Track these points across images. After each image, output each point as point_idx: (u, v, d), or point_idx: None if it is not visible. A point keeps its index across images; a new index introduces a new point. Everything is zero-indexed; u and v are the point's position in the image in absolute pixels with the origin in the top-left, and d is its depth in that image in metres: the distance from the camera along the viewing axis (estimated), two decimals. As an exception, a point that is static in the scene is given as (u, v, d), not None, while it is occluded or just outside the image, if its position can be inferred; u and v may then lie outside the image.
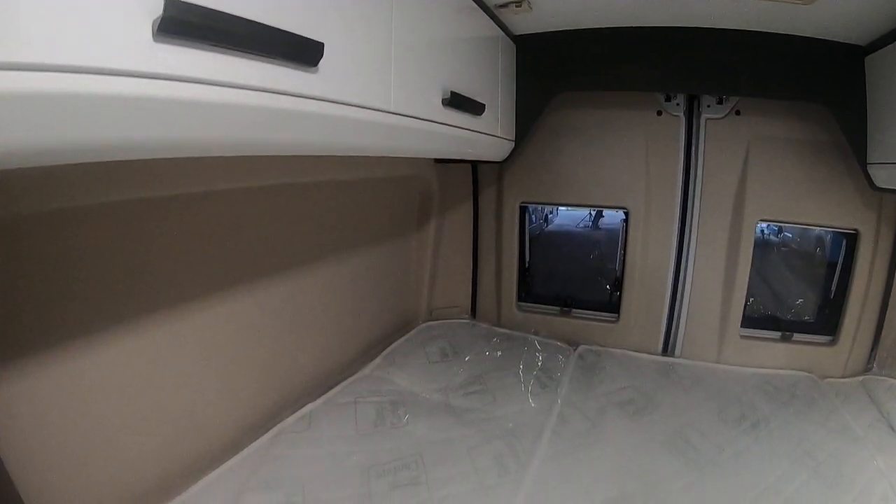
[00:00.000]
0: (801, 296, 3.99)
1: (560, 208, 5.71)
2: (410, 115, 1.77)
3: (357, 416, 2.61)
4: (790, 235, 4.19)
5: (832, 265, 3.77)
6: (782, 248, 4.28)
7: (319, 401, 2.70)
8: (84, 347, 1.77)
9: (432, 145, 2.15)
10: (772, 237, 4.49)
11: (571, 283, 4.39)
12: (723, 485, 2.39)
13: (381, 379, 3.05)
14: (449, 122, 2.10)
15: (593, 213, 5.33)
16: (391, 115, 1.65)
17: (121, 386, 1.91)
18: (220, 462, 2.17)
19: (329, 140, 1.49)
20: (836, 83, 2.90)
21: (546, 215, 5.54)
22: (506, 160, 3.51)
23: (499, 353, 3.52)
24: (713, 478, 2.44)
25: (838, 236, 3.69)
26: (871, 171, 2.87)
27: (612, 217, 4.66)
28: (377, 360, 3.24)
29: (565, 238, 5.31)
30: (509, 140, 3.09)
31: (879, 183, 2.86)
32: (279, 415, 2.53)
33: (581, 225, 5.50)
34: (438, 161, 3.72)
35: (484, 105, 2.39)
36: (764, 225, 4.14)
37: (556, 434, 2.67)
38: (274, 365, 2.65)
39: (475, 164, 3.96)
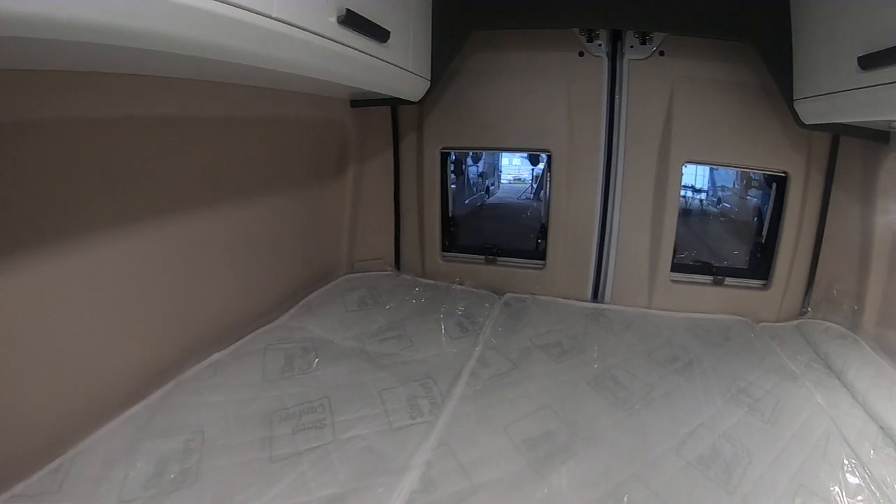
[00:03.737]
0: (735, 245, 4.02)
1: (502, 182, 5.67)
2: (297, 24, 1.61)
3: (265, 363, 2.53)
4: (728, 206, 4.21)
5: (763, 211, 3.76)
6: (721, 219, 4.31)
7: (228, 350, 2.61)
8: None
9: (327, 64, 1.97)
10: (711, 208, 4.51)
11: (498, 232, 4.36)
12: (653, 422, 2.31)
13: (294, 328, 2.95)
14: (346, 43, 1.95)
15: (535, 185, 5.29)
16: (272, 20, 1.49)
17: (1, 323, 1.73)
18: (119, 412, 2.07)
19: (199, 37, 1.31)
20: (762, 20, 2.84)
21: (487, 187, 5.49)
22: (426, 104, 3.45)
23: (420, 301, 3.43)
24: (643, 415, 2.35)
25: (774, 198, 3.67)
26: (798, 107, 2.81)
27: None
28: (293, 310, 3.14)
29: (505, 209, 5.28)
30: (423, 77, 2.94)
31: (807, 119, 2.80)
32: (184, 364, 2.43)
33: (522, 197, 5.46)
34: (355, 104, 3.55)
35: (389, 32, 2.23)
36: (703, 195, 4.13)
37: (474, 376, 2.57)
38: (178, 312, 2.49)
39: (395, 109, 3.83)
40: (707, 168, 4.47)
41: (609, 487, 1.91)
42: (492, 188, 5.84)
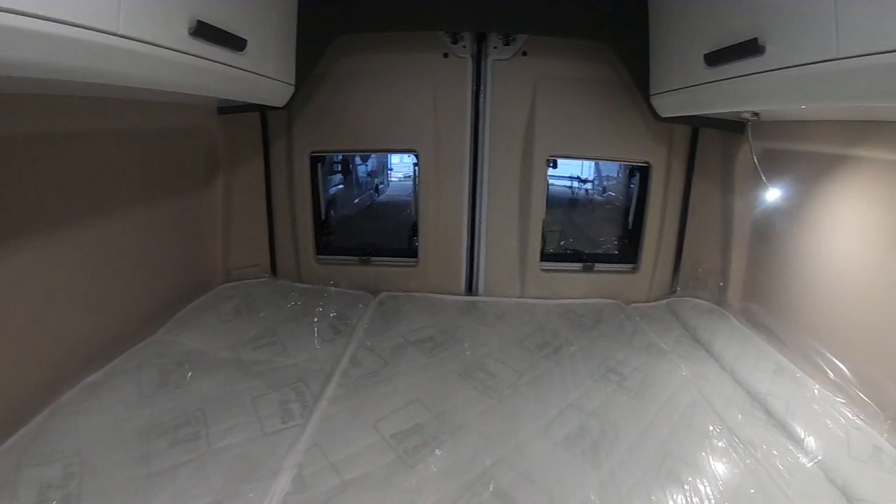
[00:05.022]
0: (608, 233, 4.18)
1: (391, 179, 5.68)
2: (145, 40, 1.57)
3: (141, 380, 2.49)
4: (613, 195, 4.29)
5: (630, 199, 3.96)
6: (606, 206, 4.40)
7: (103, 370, 2.55)
8: None
9: (180, 78, 1.94)
10: (596, 196, 4.62)
11: (383, 231, 4.37)
12: (521, 407, 2.39)
13: (170, 342, 2.90)
14: (199, 55, 1.91)
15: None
16: (119, 38, 1.45)
17: None
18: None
19: (41, 60, 1.30)
20: (619, 21, 2.99)
21: (377, 186, 5.50)
22: (294, 109, 3.45)
23: (295, 306, 3.43)
24: (512, 401, 2.43)
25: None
26: (654, 101, 2.99)
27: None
28: (168, 324, 3.09)
29: (394, 207, 5.30)
30: (286, 83, 2.92)
31: (663, 112, 2.98)
32: (60, 388, 2.35)
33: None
34: (223, 111, 3.54)
35: (245, 40, 2.20)
36: (588, 185, 4.27)
37: (346, 376, 2.60)
38: (49, 335, 2.38)
39: (265, 114, 3.79)
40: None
41: (476, 473, 1.97)
42: (381, 186, 5.86)
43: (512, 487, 1.91)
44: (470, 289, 3.88)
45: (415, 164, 3.77)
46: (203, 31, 1.86)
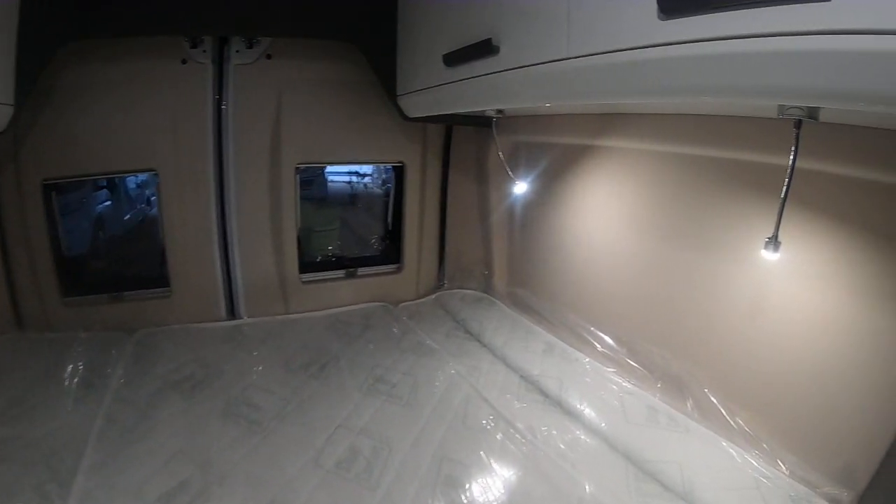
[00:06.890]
0: (373, 233, 4.21)
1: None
2: None
3: None
4: (391, 186, 4.28)
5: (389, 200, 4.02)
6: (384, 199, 4.38)
7: None
8: None
9: None
10: (376, 189, 4.62)
11: (125, 263, 4.12)
12: (288, 438, 2.32)
13: None
14: None
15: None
16: None
17: None
18: None
19: None
20: (368, 21, 3.01)
21: (149, 198, 5.26)
22: (21, 132, 3.12)
23: (43, 362, 3.01)
24: (278, 434, 2.35)
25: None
26: (401, 102, 3.03)
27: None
28: None
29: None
30: (5, 103, 2.47)
31: (410, 113, 3.04)
32: None
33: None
34: None
35: None
36: (368, 179, 4.26)
37: (101, 439, 2.35)
38: None
39: None
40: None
41: (247, 522, 1.87)
42: (153, 199, 5.63)
43: (287, 530, 1.84)
44: (232, 313, 3.71)
45: (156, 185, 3.49)
46: None
